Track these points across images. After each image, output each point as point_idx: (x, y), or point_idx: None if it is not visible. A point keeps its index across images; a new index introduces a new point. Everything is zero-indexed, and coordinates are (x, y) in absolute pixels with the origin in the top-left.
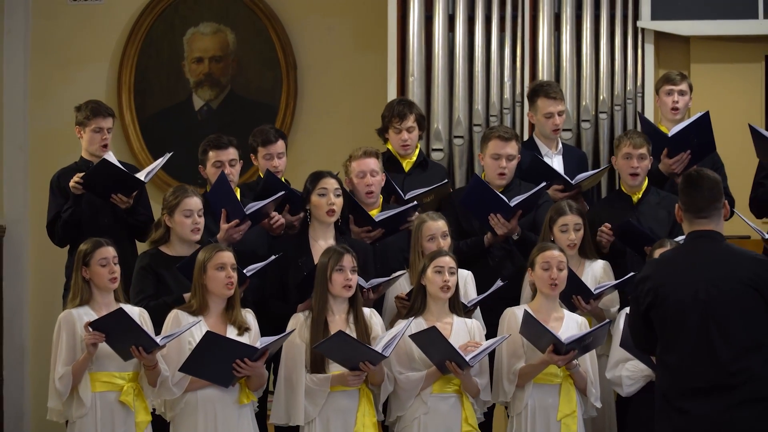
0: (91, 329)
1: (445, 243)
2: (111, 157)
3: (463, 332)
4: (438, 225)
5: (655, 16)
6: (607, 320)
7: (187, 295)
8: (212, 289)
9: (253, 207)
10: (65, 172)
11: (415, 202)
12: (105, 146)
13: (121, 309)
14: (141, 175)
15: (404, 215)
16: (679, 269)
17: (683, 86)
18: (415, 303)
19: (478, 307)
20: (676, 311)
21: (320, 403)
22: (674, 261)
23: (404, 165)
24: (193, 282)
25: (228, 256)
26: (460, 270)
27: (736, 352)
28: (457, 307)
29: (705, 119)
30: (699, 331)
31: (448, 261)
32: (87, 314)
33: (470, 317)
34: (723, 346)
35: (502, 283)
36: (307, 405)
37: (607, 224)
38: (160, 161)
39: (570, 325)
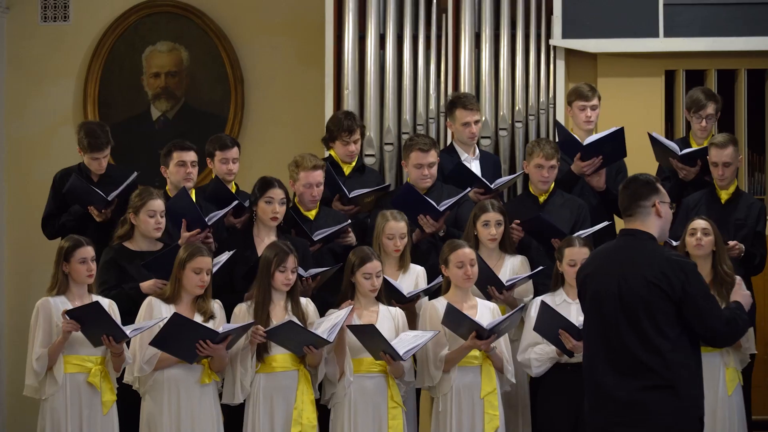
0: (68, 317)
1: (402, 243)
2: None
3: (388, 319)
4: (399, 226)
5: (565, 35)
6: (522, 305)
7: (143, 284)
8: (186, 286)
9: (214, 217)
10: (66, 173)
11: (349, 221)
12: (101, 168)
13: (97, 303)
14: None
15: (339, 232)
16: (604, 263)
17: (595, 101)
18: (345, 296)
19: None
20: (593, 300)
21: (247, 385)
22: (600, 254)
23: (345, 169)
24: (172, 273)
25: (206, 262)
26: (413, 265)
27: (645, 343)
28: (382, 297)
29: (619, 134)
30: (611, 320)
31: (375, 266)
32: (62, 303)
33: (414, 307)
34: (632, 337)
35: (442, 279)
36: (244, 386)
37: (516, 221)
38: (128, 181)
39: (483, 312)
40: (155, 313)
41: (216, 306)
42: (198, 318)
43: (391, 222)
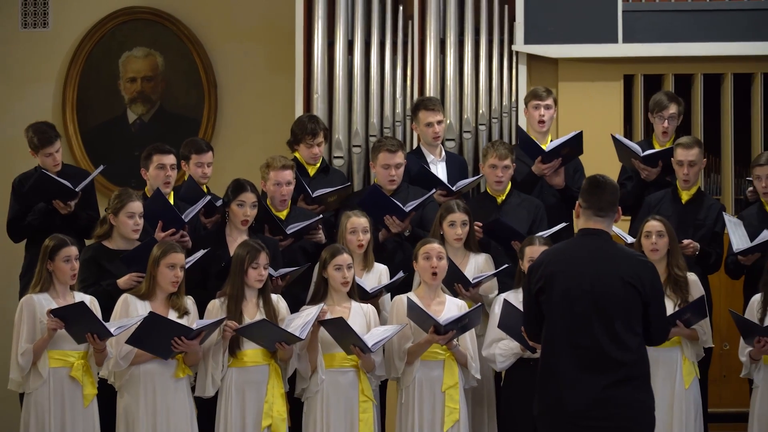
0: (52, 316)
1: (365, 238)
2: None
3: (360, 315)
4: (360, 221)
5: (527, 41)
6: (480, 303)
7: (120, 280)
8: (160, 282)
9: (189, 213)
10: (26, 177)
11: (321, 216)
12: (57, 164)
13: (82, 303)
14: (81, 185)
15: (309, 227)
16: (569, 261)
17: (549, 101)
18: (318, 291)
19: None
20: (563, 299)
21: (218, 379)
22: (565, 253)
23: (310, 171)
24: (147, 271)
25: (179, 258)
26: (377, 264)
27: (615, 340)
28: (354, 293)
29: (578, 138)
30: (583, 318)
31: (346, 259)
32: (46, 300)
33: (376, 303)
34: (604, 334)
35: (403, 274)
36: (215, 379)
37: (478, 223)
38: (94, 174)
39: (451, 308)
40: (131, 309)
41: (189, 302)
42: (172, 314)
43: (352, 218)
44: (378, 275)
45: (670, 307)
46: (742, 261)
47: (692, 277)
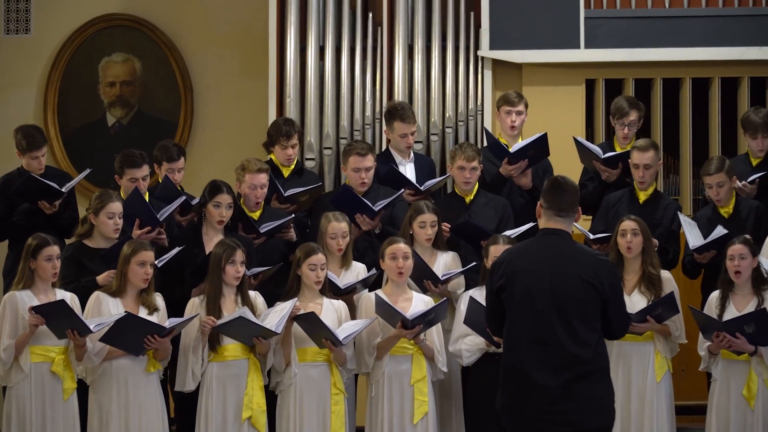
0: (34, 313)
1: (345, 242)
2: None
3: (331, 311)
4: (341, 226)
5: (492, 47)
6: (446, 298)
7: (99, 277)
8: (131, 279)
9: (165, 212)
10: (8, 178)
11: (293, 215)
12: (41, 168)
13: (62, 301)
14: (66, 187)
15: (281, 226)
16: (530, 260)
17: (520, 107)
18: (291, 288)
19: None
20: (524, 296)
21: (198, 373)
22: (526, 252)
23: (284, 172)
24: (117, 269)
25: (149, 255)
26: (355, 263)
27: (574, 336)
28: (326, 290)
29: (543, 139)
30: (543, 315)
31: (320, 258)
32: (28, 297)
33: (351, 300)
34: (563, 331)
35: (377, 272)
36: (195, 374)
37: (446, 225)
38: (81, 176)
39: (417, 304)
40: (103, 306)
41: (159, 299)
42: (143, 311)
43: (333, 222)
44: (356, 273)
45: (643, 304)
46: (698, 259)
47: (666, 274)
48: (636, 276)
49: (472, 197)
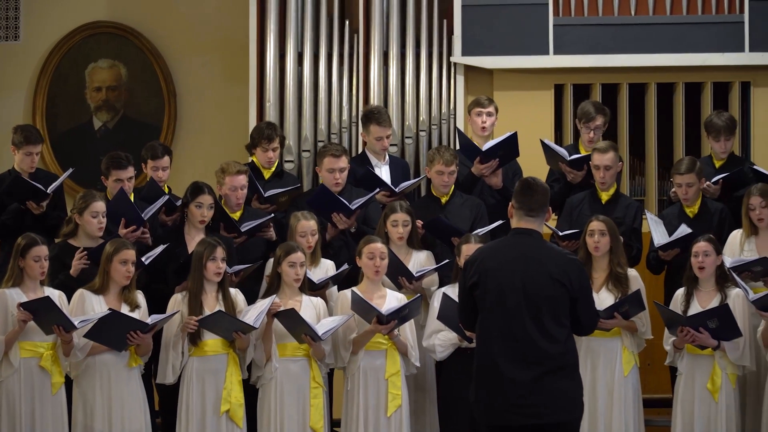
0: (22, 309)
1: (314, 239)
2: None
3: (310, 308)
4: (309, 224)
5: (464, 53)
6: (419, 294)
7: (72, 270)
8: (114, 277)
9: (149, 212)
10: (1, 178)
11: (273, 215)
12: (33, 166)
13: (48, 297)
14: (52, 187)
15: (261, 225)
16: (501, 258)
17: (491, 109)
18: (271, 285)
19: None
20: (496, 293)
21: (177, 367)
22: (498, 250)
23: (265, 174)
24: (100, 267)
25: (131, 254)
26: (324, 260)
27: (544, 332)
28: (305, 287)
29: (513, 138)
30: (515, 312)
31: (299, 257)
32: (17, 294)
33: (323, 294)
34: (534, 327)
35: (348, 267)
36: (175, 368)
37: (419, 221)
38: (64, 176)
39: (391, 301)
40: (87, 304)
41: (140, 297)
42: (125, 308)
43: (302, 221)
44: (325, 270)
45: (610, 301)
46: (662, 256)
47: (633, 272)
48: (604, 274)
49: (448, 198)
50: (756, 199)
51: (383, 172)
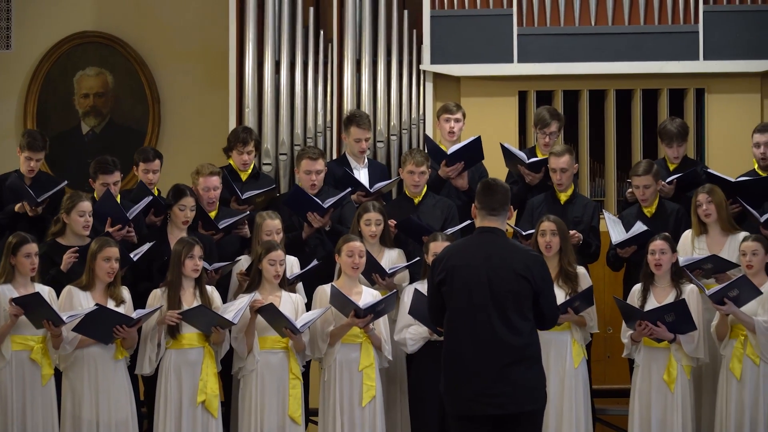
0: (14, 304)
1: (279, 238)
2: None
3: (289, 303)
4: (274, 223)
5: (433, 61)
6: (395, 290)
7: (62, 265)
8: (98, 274)
9: (133, 211)
10: (2, 178)
11: (248, 213)
12: (32, 170)
13: (38, 293)
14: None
15: (237, 223)
16: (467, 256)
17: (458, 115)
18: (253, 281)
19: (300, 283)
20: (463, 289)
21: (154, 359)
22: (464, 248)
23: (242, 176)
24: (86, 264)
25: (114, 252)
26: (288, 257)
27: (509, 326)
28: (284, 283)
29: (477, 142)
30: (481, 307)
31: (279, 255)
32: (9, 290)
33: (294, 290)
34: (499, 321)
35: (317, 263)
36: (152, 359)
37: (392, 221)
38: (57, 188)
39: (367, 297)
40: (75, 299)
41: (125, 292)
42: (110, 303)
43: (267, 220)
44: (290, 266)
45: (561, 297)
46: (620, 254)
47: (581, 270)
48: (554, 271)
49: (420, 198)
50: (703, 196)
51: (362, 175)
